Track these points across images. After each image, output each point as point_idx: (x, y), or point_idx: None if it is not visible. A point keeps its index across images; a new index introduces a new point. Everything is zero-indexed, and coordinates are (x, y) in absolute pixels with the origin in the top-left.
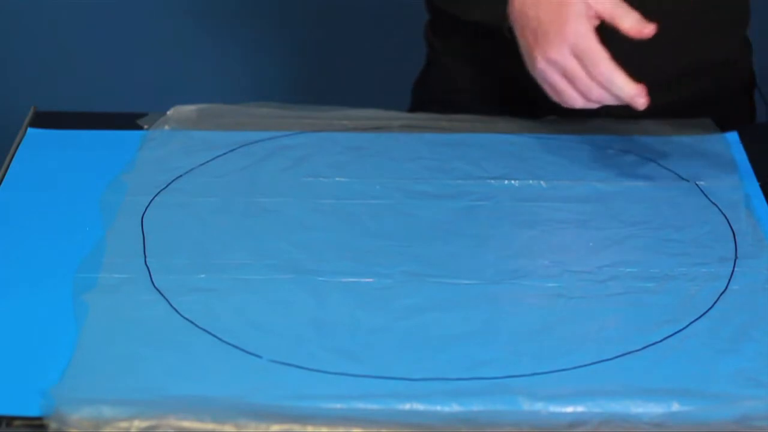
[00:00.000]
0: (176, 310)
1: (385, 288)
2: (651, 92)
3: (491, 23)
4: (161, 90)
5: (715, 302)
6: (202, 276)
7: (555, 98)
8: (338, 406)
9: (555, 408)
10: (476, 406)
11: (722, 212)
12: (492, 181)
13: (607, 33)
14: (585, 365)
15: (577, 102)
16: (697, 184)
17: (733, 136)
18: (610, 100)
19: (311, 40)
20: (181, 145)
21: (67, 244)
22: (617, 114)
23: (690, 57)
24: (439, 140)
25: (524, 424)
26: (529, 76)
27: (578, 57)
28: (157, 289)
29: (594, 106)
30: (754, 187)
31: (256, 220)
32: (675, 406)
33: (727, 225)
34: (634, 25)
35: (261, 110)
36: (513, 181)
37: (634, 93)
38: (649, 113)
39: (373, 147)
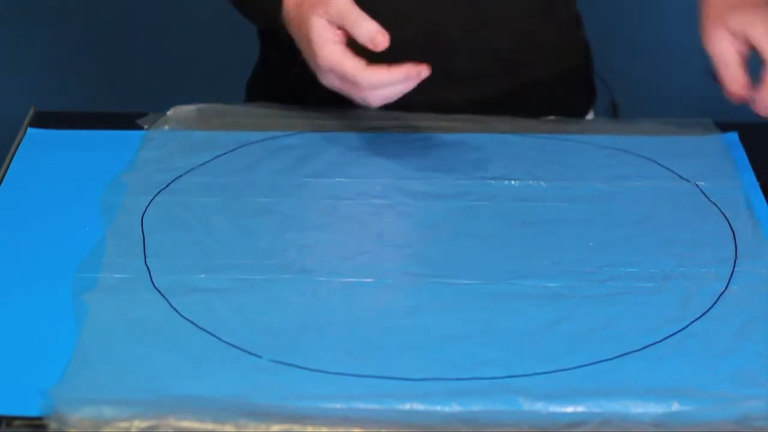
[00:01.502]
0: (176, 310)
1: (385, 288)
2: (487, 81)
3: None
4: (161, 90)
5: (715, 302)
6: (202, 276)
7: None
8: (338, 406)
9: (555, 408)
10: (476, 406)
11: (722, 212)
12: (492, 181)
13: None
14: (585, 365)
15: (372, 104)
16: (697, 184)
17: (733, 136)
18: (394, 95)
19: None
20: (181, 145)
21: (67, 244)
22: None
23: (520, 41)
24: (439, 140)
25: (524, 424)
26: None
27: (341, 79)
28: (157, 289)
29: (390, 100)
30: (754, 187)
31: (256, 220)
32: (675, 406)
33: (727, 225)
34: (367, 36)
35: (261, 110)
36: (513, 181)
37: (404, 75)
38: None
39: (373, 147)
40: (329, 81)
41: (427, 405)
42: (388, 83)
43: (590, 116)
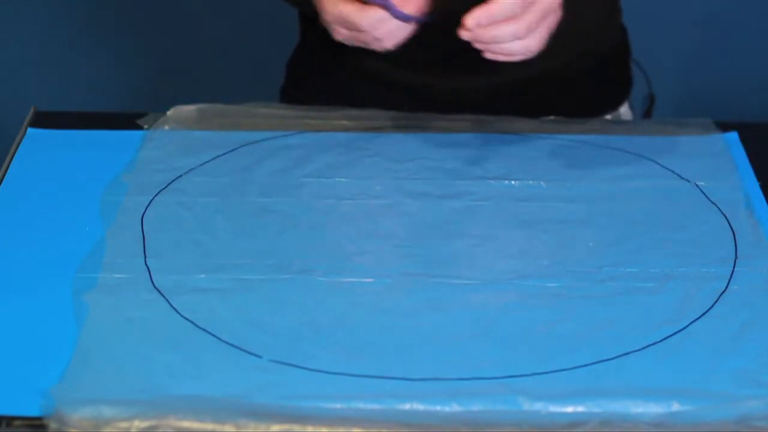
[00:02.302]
0: (176, 310)
1: (385, 288)
2: (511, 65)
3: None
4: (161, 90)
5: (715, 302)
6: (202, 276)
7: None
8: (338, 406)
9: (555, 408)
10: (476, 406)
11: (722, 212)
12: (492, 181)
13: None
14: (585, 365)
15: (386, 46)
16: (697, 184)
17: (733, 136)
18: (400, 31)
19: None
20: (181, 145)
21: (67, 244)
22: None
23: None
24: (439, 140)
25: (524, 424)
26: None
27: (348, 28)
28: (157, 289)
29: (399, 38)
30: (754, 187)
31: (256, 220)
32: (675, 406)
33: (727, 225)
34: None
35: (261, 110)
36: (513, 181)
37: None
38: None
39: (373, 147)
40: (341, 35)
41: (427, 405)
42: (385, 16)
43: (624, 108)
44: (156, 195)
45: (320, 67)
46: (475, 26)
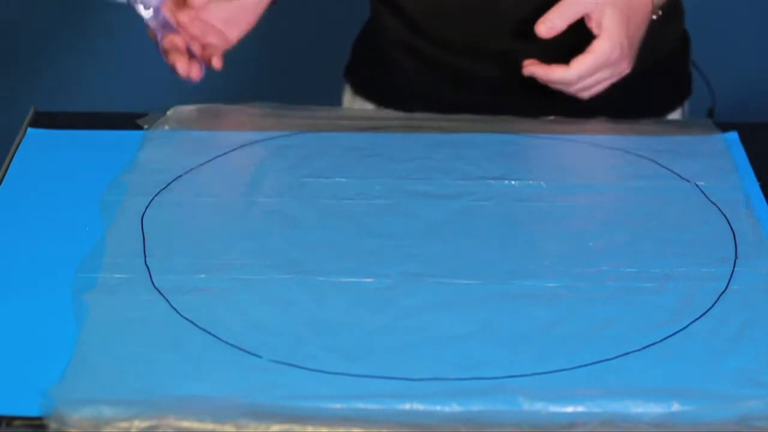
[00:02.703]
0: (176, 310)
1: (385, 288)
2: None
3: None
4: (161, 90)
5: (715, 302)
6: (202, 276)
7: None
8: (338, 406)
9: (555, 408)
10: (476, 406)
11: (722, 212)
12: (492, 181)
13: None
14: (585, 365)
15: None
16: (697, 184)
17: (733, 136)
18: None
19: (310, 41)
20: (181, 145)
21: (67, 244)
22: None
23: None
24: (439, 140)
25: (524, 424)
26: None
27: None
28: (157, 289)
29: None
30: (754, 187)
31: (256, 220)
32: (675, 406)
33: (727, 225)
34: None
35: (261, 110)
36: (513, 181)
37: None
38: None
39: (373, 147)
40: None
41: (427, 405)
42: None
43: (675, 115)
44: (156, 195)
45: (380, 48)
46: (529, 74)
